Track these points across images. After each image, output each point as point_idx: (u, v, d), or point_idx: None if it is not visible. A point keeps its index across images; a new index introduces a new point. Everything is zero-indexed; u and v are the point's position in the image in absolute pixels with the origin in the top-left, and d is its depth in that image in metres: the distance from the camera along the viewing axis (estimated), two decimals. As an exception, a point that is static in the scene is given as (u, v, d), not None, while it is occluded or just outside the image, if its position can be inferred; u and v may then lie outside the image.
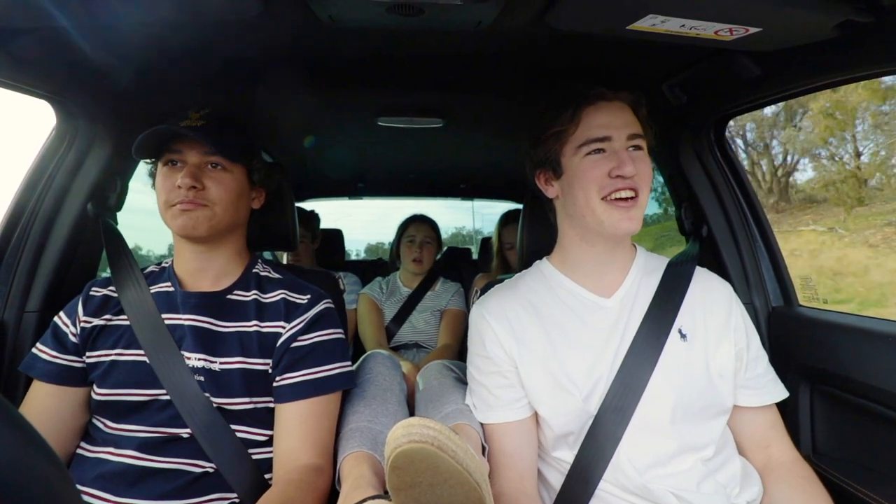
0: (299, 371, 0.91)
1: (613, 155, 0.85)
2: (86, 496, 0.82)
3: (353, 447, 0.90)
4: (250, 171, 1.00)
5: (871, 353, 0.96)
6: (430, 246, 2.08)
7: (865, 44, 0.80)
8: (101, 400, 0.87)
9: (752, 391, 0.90)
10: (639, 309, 0.90)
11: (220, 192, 0.92)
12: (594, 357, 0.87)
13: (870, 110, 9.93)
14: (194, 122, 0.92)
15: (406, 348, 1.94)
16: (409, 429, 0.60)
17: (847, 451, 1.03)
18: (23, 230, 1.11)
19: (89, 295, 0.95)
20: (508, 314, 0.93)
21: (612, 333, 0.88)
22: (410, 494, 0.62)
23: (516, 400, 0.90)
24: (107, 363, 0.89)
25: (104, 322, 0.92)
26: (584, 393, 0.85)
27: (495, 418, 0.90)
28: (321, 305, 0.99)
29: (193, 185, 0.89)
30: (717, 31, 0.82)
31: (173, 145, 0.93)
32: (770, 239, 1.27)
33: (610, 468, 0.82)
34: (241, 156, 0.96)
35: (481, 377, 0.94)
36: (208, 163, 0.93)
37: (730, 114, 1.22)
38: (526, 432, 0.90)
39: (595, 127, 0.86)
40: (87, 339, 0.91)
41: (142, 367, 0.87)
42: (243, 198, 0.98)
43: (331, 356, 0.95)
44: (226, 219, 0.94)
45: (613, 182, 0.84)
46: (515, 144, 1.99)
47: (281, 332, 0.94)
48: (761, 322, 1.23)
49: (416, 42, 1.05)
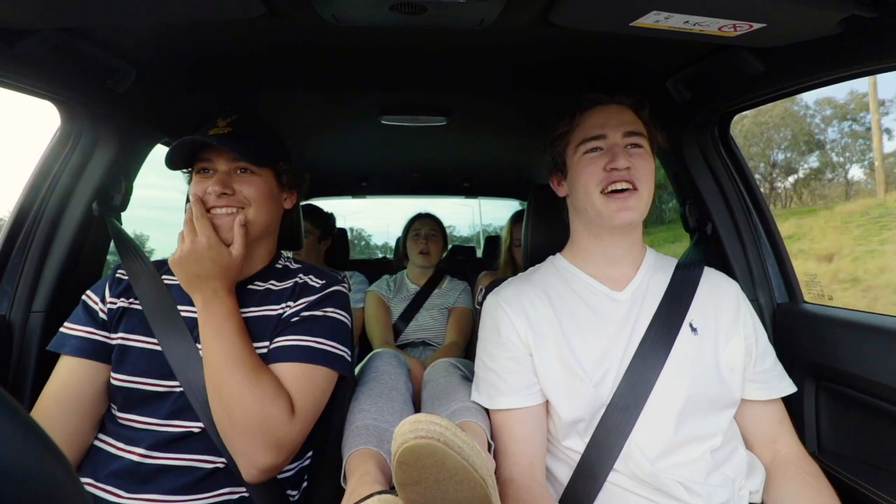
0: (291, 335, 0.90)
1: (609, 151, 0.91)
2: (98, 492, 0.82)
3: (358, 444, 0.90)
4: (278, 174, 1.02)
5: (877, 349, 0.96)
6: (435, 239, 2.11)
7: (870, 39, 0.80)
8: (116, 385, 0.88)
9: (760, 385, 0.91)
10: (650, 303, 0.92)
11: (251, 192, 0.94)
12: (606, 346, 0.89)
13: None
14: (221, 130, 0.94)
15: (413, 346, 1.95)
16: (416, 424, 0.61)
17: (852, 449, 1.03)
18: (28, 230, 1.11)
19: (116, 277, 0.98)
20: (524, 302, 0.95)
21: (624, 325, 0.91)
22: (416, 490, 0.62)
23: (527, 386, 0.90)
24: (124, 346, 0.90)
25: (127, 304, 0.94)
26: (595, 380, 0.86)
27: (504, 404, 0.91)
28: (334, 287, 1.01)
29: (224, 192, 0.91)
30: (721, 27, 0.82)
31: (203, 154, 0.95)
32: (775, 235, 1.27)
33: (620, 458, 0.83)
34: (268, 160, 0.98)
35: (492, 363, 0.94)
36: (237, 168, 0.95)
37: (734, 110, 1.22)
38: (536, 420, 0.90)
39: (591, 127, 0.94)
40: (113, 319, 0.93)
41: (158, 356, 0.88)
42: (274, 200, 1.00)
43: (329, 333, 0.93)
44: (259, 220, 0.96)
45: (609, 175, 0.89)
46: (519, 142, 1.99)
47: (285, 311, 0.95)
48: (766, 318, 1.23)
49: (419, 40, 1.05)
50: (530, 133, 1.80)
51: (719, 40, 0.87)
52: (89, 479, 0.84)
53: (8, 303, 1.09)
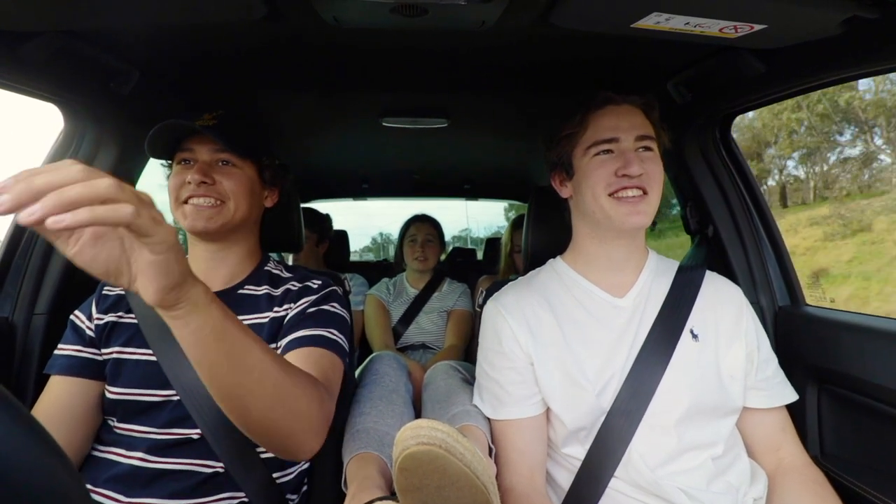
0: (301, 329, 0.89)
1: (621, 155, 0.88)
2: (97, 497, 0.82)
3: (359, 448, 0.90)
4: (261, 169, 1.00)
5: (880, 352, 0.95)
6: (432, 244, 2.08)
7: (872, 40, 0.80)
8: (112, 399, 0.88)
9: (762, 392, 0.90)
10: (651, 309, 0.91)
11: (231, 185, 0.92)
12: (607, 354, 0.88)
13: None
14: (207, 122, 0.93)
15: (413, 349, 1.94)
16: (418, 430, 0.60)
17: (855, 453, 1.02)
18: (31, 233, 1.11)
19: (102, 294, 0.96)
20: (525, 310, 0.93)
21: (626, 332, 0.89)
22: (418, 497, 0.62)
23: (528, 397, 0.90)
24: (119, 360, 0.89)
25: (116, 318, 0.93)
26: (597, 389, 0.85)
27: (507, 415, 0.90)
28: (332, 287, 1.01)
29: (204, 181, 0.89)
30: (722, 29, 0.81)
31: (185, 144, 0.94)
32: (776, 238, 1.26)
33: (621, 465, 0.82)
34: (252, 153, 0.97)
35: (494, 373, 0.94)
36: (219, 160, 0.94)
37: (735, 112, 1.22)
38: (537, 429, 0.90)
39: (603, 129, 0.90)
40: (101, 334, 0.92)
41: (153, 366, 0.88)
42: (255, 195, 0.99)
43: (337, 325, 0.92)
44: (238, 214, 0.94)
45: (620, 181, 0.87)
46: (520, 144, 1.99)
47: (289, 312, 0.95)
48: (768, 321, 1.22)
49: (419, 41, 1.05)
50: (531, 135, 1.79)
51: (720, 42, 0.87)
52: (88, 485, 0.84)
53: (11, 305, 1.09)
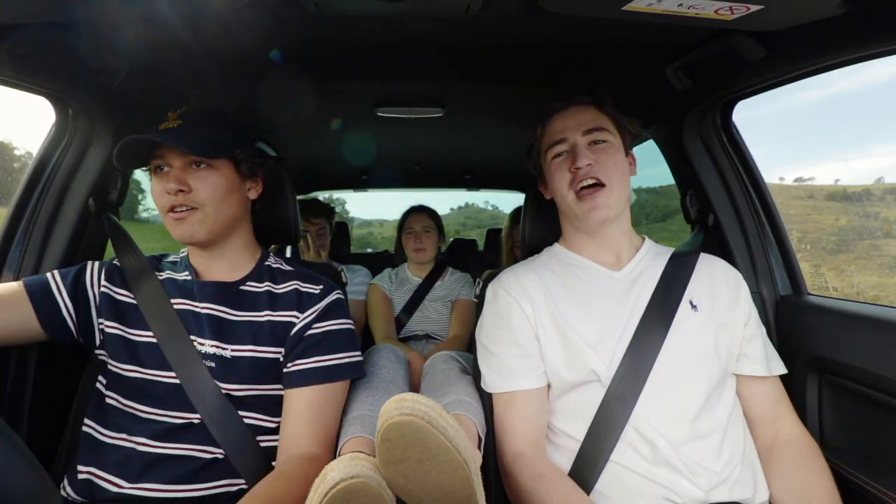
0: (310, 358, 0.93)
1: (572, 152, 0.96)
2: (101, 481, 0.84)
3: (354, 432, 0.91)
4: (237, 164, 0.98)
5: (881, 342, 0.93)
6: (429, 234, 2.06)
7: (873, 20, 0.76)
8: (116, 373, 0.90)
9: (754, 360, 0.92)
10: (649, 282, 0.95)
11: (206, 191, 0.91)
12: (607, 322, 0.90)
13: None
14: (171, 124, 0.91)
15: (416, 339, 1.92)
16: (402, 403, 0.62)
17: (856, 443, 1.00)
18: (26, 227, 1.12)
19: (113, 265, 0.99)
20: (525, 284, 0.97)
21: (625, 301, 0.93)
22: (399, 469, 0.63)
23: (531, 369, 0.91)
24: (125, 338, 0.91)
25: (115, 294, 0.95)
26: (601, 354, 0.87)
27: (509, 387, 0.91)
28: (333, 296, 1.01)
29: (180, 189, 0.89)
30: (718, 10, 0.79)
31: (157, 151, 0.92)
32: (779, 226, 1.23)
33: (623, 436, 0.83)
34: (222, 151, 0.94)
35: (496, 348, 0.95)
36: (192, 162, 0.92)
37: (736, 97, 1.18)
38: (540, 401, 0.92)
39: (552, 133, 0.99)
40: (102, 305, 0.94)
41: (157, 349, 0.90)
42: (235, 192, 0.97)
43: (341, 345, 0.97)
44: (220, 218, 0.94)
45: (575, 174, 0.94)
46: (518, 133, 1.96)
47: (294, 321, 0.96)
48: (769, 311, 1.20)
49: (410, 30, 1.03)
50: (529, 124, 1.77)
51: (717, 24, 0.84)
52: (91, 468, 0.86)
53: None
